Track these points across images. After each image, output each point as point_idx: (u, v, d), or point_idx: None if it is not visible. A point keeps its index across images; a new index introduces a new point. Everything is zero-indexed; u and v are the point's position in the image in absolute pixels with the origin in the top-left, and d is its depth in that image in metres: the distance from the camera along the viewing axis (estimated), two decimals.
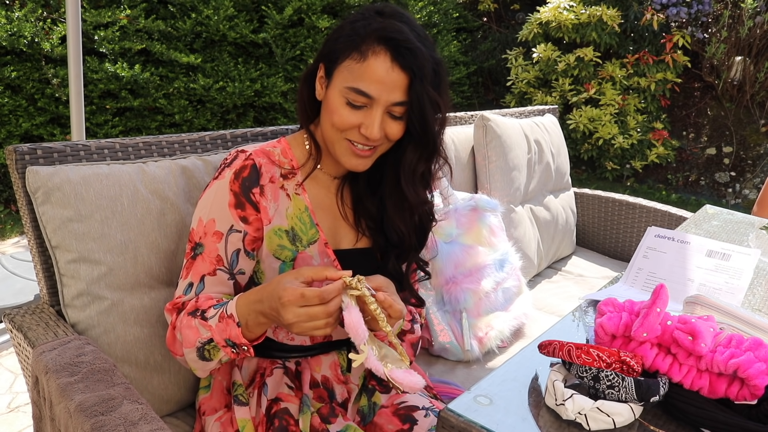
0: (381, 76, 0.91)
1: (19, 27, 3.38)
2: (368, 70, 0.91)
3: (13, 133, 3.57)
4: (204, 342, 0.92)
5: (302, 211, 1.02)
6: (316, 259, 1.02)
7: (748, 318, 0.82)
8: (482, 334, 1.51)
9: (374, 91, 0.91)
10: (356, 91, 0.91)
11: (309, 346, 1.09)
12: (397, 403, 1.08)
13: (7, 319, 1.11)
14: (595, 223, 2.33)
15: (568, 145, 2.67)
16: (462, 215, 1.64)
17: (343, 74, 0.93)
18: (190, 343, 0.94)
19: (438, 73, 0.95)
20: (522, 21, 5.74)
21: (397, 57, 0.90)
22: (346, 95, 0.92)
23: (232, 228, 0.97)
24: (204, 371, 0.99)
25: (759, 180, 4.61)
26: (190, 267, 0.99)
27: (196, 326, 0.93)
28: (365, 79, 0.91)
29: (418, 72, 0.91)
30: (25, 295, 2.45)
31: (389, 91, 0.91)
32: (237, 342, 0.90)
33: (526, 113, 2.20)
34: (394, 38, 0.90)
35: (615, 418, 0.66)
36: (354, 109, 0.93)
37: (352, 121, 0.93)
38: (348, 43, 0.93)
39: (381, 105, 0.92)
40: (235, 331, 0.89)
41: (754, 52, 4.61)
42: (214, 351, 0.93)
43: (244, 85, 4.07)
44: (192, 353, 0.95)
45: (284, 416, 1.00)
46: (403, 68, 0.91)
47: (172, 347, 1.00)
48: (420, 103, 0.92)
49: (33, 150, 1.06)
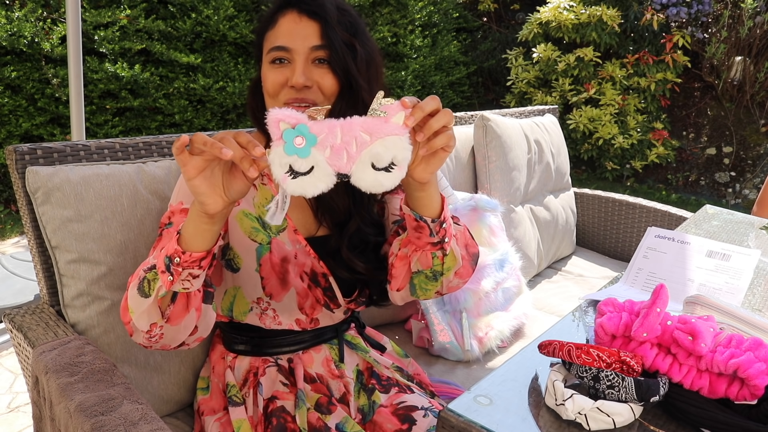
0: (292, 29, 0.96)
1: (19, 27, 3.38)
2: (281, 29, 0.96)
3: (13, 133, 3.57)
4: (146, 269, 0.82)
5: (268, 200, 1.03)
6: (288, 245, 1.03)
7: (748, 318, 0.82)
8: (482, 334, 1.51)
9: (289, 41, 0.95)
10: (274, 48, 0.95)
11: (299, 337, 1.09)
12: (396, 403, 1.08)
13: (7, 319, 1.11)
14: (595, 223, 2.33)
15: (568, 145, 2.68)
16: (462, 215, 1.64)
17: (265, 47, 0.98)
18: (135, 276, 0.85)
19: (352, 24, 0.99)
20: (522, 21, 5.74)
21: (302, 9, 0.96)
22: (269, 59, 0.96)
23: None
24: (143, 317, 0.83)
25: (759, 180, 4.61)
26: (156, 245, 0.92)
27: (147, 260, 0.85)
28: (279, 36, 0.96)
29: (326, 16, 0.95)
30: (25, 295, 2.45)
31: (303, 38, 0.95)
32: (170, 253, 0.77)
33: (526, 113, 2.20)
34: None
35: (615, 418, 0.66)
36: (279, 66, 0.96)
37: (279, 78, 0.95)
38: (263, 24, 1.00)
39: (301, 54, 0.95)
40: (173, 240, 0.79)
41: (754, 52, 4.61)
42: (154, 282, 0.80)
43: (244, 85, 4.07)
44: (134, 288, 0.84)
45: (281, 414, 1.00)
46: (311, 16, 0.95)
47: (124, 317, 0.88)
48: (334, 44, 0.94)
49: (33, 150, 1.06)
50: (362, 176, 0.70)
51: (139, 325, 0.84)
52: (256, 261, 1.01)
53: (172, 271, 0.77)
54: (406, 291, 1.00)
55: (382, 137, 0.70)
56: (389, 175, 0.71)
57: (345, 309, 1.10)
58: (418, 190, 0.83)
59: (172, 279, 0.78)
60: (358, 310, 1.15)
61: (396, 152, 0.70)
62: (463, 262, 0.96)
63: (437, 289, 0.98)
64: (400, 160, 0.71)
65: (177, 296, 0.82)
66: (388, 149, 0.70)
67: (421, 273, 0.95)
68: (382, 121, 0.70)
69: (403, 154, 0.71)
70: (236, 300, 1.05)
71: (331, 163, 0.70)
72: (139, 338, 0.88)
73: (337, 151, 0.70)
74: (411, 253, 0.94)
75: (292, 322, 1.08)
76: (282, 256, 1.02)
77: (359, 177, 0.70)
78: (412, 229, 0.89)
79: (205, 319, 0.89)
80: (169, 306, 0.82)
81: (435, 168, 0.78)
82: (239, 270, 1.02)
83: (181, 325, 0.85)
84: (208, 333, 0.92)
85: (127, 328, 0.88)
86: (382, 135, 0.70)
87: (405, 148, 0.71)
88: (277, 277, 1.03)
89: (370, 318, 1.54)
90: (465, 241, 0.97)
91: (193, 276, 0.79)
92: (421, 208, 0.85)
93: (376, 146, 0.70)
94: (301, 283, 1.04)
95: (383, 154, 0.70)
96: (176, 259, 0.77)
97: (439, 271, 0.94)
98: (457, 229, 0.96)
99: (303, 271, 1.04)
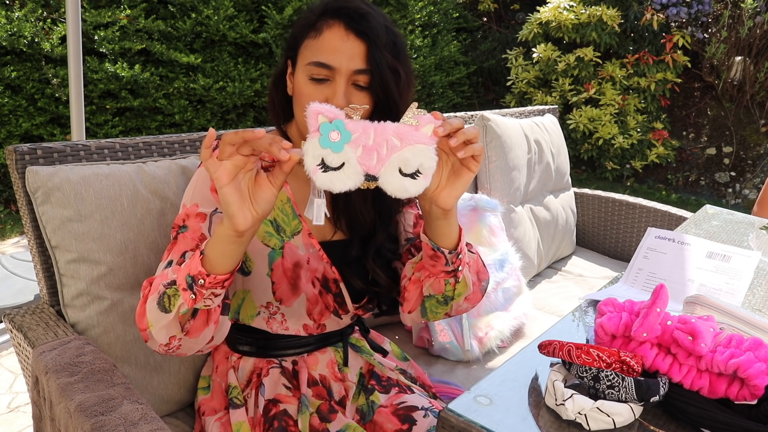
0: (337, 45, 0.91)
1: (19, 27, 3.38)
2: (324, 42, 0.92)
3: (13, 133, 3.57)
4: (166, 285, 0.81)
5: (284, 202, 1.02)
6: (301, 249, 1.02)
7: (748, 318, 0.82)
8: (482, 334, 1.51)
9: (333, 60, 0.91)
10: (316, 64, 0.92)
11: (305, 340, 1.09)
12: (396, 403, 1.08)
13: (7, 319, 1.11)
14: (595, 223, 2.33)
15: (568, 145, 2.68)
16: (462, 215, 1.64)
17: (303, 54, 0.94)
18: (155, 290, 0.84)
19: (396, 44, 0.96)
20: (522, 21, 5.74)
21: (350, 24, 0.91)
22: (308, 73, 0.93)
23: (216, 210, 0.95)
24: (162, 331, 0.84)
25: (759, 180, 4.61)
26: (171, 248, 0.92)
27: (166, 272, 0.84)
28: (323, 50, 0.92)
29: (374, 38, 0.91)
30: (25, 295, 2.45)
31: (348, 59, 0.91)
32: (194, 274, 0.77)
33: (526, 113, 2.20)
34: (344, 7, 0.92)
35: (615, 418, 0.66)
36: (318, 84, 0.93)
37: (318, 97, 0.92)
38: (304, 26, 0.95)
39: (343, 75, 0.92)
40: (196, 260, 0.78)
41: (754, 52, 4.61)
42: (174, 298, 0.80)
43: (244, 85, 4.07)
44: (153, 302, 0.83)
45: (283, 417, 1.00)
46: (358, 35, 0.92)
47: (140, 323, 0.88)
48: (380, 68, 0.92)
49: (33, 150, 1.06)
50: (389, 179, 0.73)
51: (159, 338, 0.85)
52: (267, 265, 1.01)
53: (195, 291, 0.78)
54: (417, 313, 1.02)
55: (412, 144, 0.72)
56: (414, 182, 0.73)
57: (353, 315, 1.10)
58: (440, 218, 0.84)
59: (195, 298, 0.78)
60: (365, 316, 1.16)
61: (423, 160, 0.73)
62: (473, 288, 0.98)
63: (446, 311, 1.00)
64: (426, 168, 0.73)
65: (198, 312, 0.83)
66: (416, 156, 0.72)
67: (432, 297, 0.97)
68: (413, 129, 0.73)
69: (429, 162, 0.73)
70: (244, 303, 1.04)
71: (362, 162, 0.72)
72: (155, 346, 0.88)
73: (368, 151, 0.72)
74: (424, 278, 0.95)
75: (300, 328, 1.07)
76: (294, 261, 1.01)
77: (386, 180, 0.73)
78: (428, 257, 0.91)
79: (221, 329, 0.90)
80: (189, 321, 0.83)
81: (460, 192, 0.81)
82: (250, 273, 1.01)
83: (199, 337, 0.86)
84: (222, 339, 0.93)
85: (143, 335, 0.88)
86: (411, 142, 0.72)
87: (431, 157, 0.73)
88: (288, 282, 1.02)
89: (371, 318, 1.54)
90: (477, 269, 0.99)
91: (215, 295, 0.79)
92: (440, 238, 0.87)
93: (405, 152, 0.72)
94: (312, 289, 1.04)
95: (411, 160, 0.72)
96: (200, 281, 0.77)
97: (450, 297, 0.96)
98: (471, 256, 0.98)
99: (315, 277, 1.04)
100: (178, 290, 0.80)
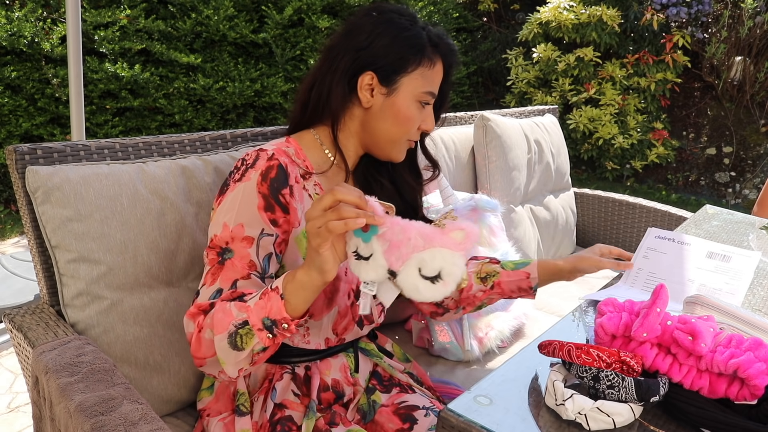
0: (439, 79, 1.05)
1: (19, 27, 3.38)
2: (436, 74, 1.03)
3: (13, 133, 3.57)
4: (238, 325, 0.82)
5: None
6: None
7: (748, 318, 0.82)
8: (482, 334, 1.51)
9: (436, 89, 1.05)
10: (430, 93, 1.03)
11: (321, 350, 1.09)
12: (397, 403, 1.08)
13: (7, 319, 1.11)
14: (595, 223, 2.33)
15: (568, 145, 2.68)
16: (462, 215, 1.64)
17: (416, 81, 1.00)
18: (222, 328, 0.84)
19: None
20: (522, 21, 5.74)
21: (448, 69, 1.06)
22: (420, 98, 1.01)
23: (263, 232, 0.93)
24: (234, 366, 0.86)
25: (759, 180, 4.61)
26: (217, 273, 0.91)
27: (230, 309, 0.84)
28: (434, 81, 1.03)
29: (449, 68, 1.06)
30: (25, 295, 2.45)
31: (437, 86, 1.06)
32: (276, 318, 0.80)
33: (526, 113, 2.20)
34: (446, 43, 1.04)
35: (615, 418, 0.66)
36: (421, 109, 1.03)
37: (418, 121, 1.03)
38: (419, 48, 1.00)
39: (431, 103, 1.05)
40: (277, 304, 0.80)
41: (754, 52, 4.61)
42: (247, 337, 0.82)
43: (244, 85, 4.07)
44: (223, 340, 0.84)
45: (287, 423, 1.00)
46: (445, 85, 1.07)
47: (197, 352, 0.89)
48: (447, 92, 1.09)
49: (33, 150, 1.06)
50: (405, 278, 0.73)
51: (230, 373, 0.88)
52: None
53: (276, 333, 0.82)
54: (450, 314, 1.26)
55: (434, 247, 0.72)
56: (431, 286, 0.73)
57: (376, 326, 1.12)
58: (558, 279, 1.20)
59: (273, 337, 0.83)
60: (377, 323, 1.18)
61: (444, 264, 0.72)
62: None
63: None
64: (447, 274, 0.72)
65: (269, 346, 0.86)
66: (435, 259, 0.72)
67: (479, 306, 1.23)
68: (439, 232, 0.73)
69: (451, 269, 0.72)
70: None
71: (386, 256, 0.73)
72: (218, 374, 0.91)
73: (393, 246, 0.73)
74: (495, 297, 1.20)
75: (321, 341, 1.07)
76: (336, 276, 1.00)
77: (403, 278, 0.73)
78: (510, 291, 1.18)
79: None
80: (260, 354, 0.86)
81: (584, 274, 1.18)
82: None
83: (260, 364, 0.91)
84: None
85: (197, 362, 0.91)
86: (435, 245, 0.72)
87: (454, 263, 0.72)
88: (325, 296, 1.02)
89: None
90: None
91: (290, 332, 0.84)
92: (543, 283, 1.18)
93: (425, 253, 0.72)
94: (346, 302, 1.05)
95: (429, 262, 0.72)
96: (284, 325, 0.82)
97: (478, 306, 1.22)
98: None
99: (351, 288, 1.05)
100: (252, 330, 0.82)
